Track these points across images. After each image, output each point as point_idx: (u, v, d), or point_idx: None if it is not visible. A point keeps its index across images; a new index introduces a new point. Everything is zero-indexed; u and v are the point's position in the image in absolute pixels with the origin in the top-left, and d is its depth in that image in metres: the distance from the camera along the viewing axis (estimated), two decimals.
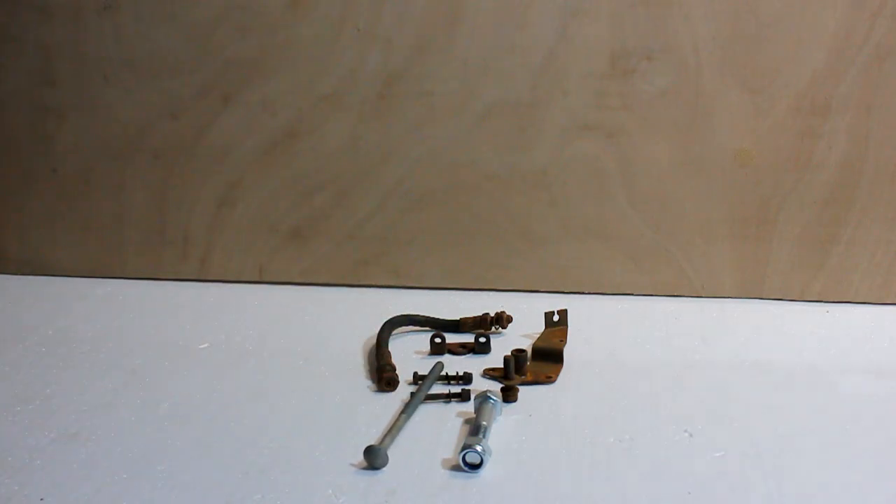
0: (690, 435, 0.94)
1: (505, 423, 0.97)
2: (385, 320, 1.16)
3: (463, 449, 0.89)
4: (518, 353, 1.06)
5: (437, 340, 1.13)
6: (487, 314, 1.17)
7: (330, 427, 0.97)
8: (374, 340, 1.13)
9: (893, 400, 1.01)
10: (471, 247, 1.28)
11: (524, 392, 1.02)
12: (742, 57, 1.19)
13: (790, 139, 1.20)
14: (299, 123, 1.28)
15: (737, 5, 1.17)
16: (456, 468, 0.89)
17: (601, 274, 1.28)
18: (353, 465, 0.90)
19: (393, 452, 0.91)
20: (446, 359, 1.11)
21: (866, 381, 1.05)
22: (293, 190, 1.30)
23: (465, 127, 1.25)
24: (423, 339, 1.15)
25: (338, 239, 1.30)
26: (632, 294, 1.28)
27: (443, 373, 1.06)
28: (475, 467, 0.89)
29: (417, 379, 1.05)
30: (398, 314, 1.18)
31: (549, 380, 1.06)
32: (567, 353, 1.10)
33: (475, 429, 0.92)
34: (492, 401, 0.97)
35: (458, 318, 1.18)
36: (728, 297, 1.26)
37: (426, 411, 1.00)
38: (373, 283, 1.30)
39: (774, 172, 1.22)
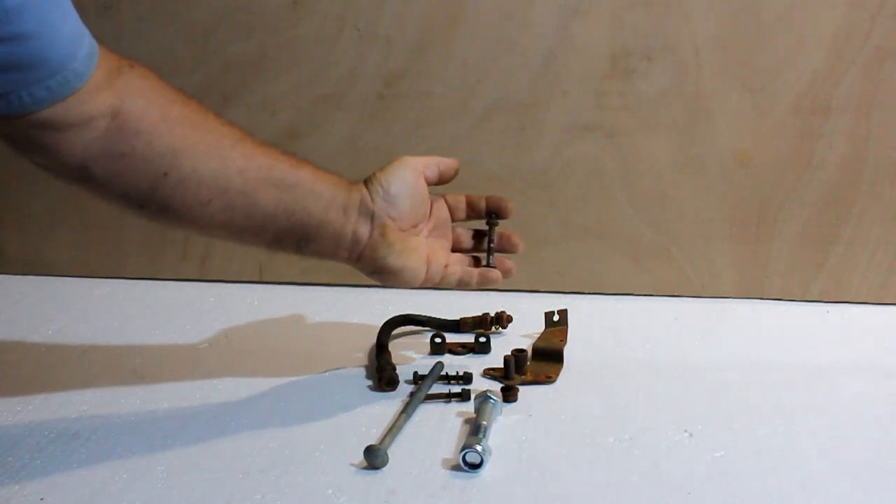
0: (690, 435, 0.94)
1: (505, 423, 0.97)
2: (385, 320, 1.16)
3: (463, 449, 0.88)
4: (518, 353, 1.06)
5: (437, 340, 1.13)
6: (487, 314, 1.17)
7: (330, 427, 0.97)
8: (374, 340, 1.13)
9: (893, 400, 1.01)
10: None
11: (524, 392, 1.02)
12: (742, 57, 1.19)
13: (790, 139, 1.20)
14: (299, 123, 1.28)
15: (737, 5, 1.17)
16: (456, 468, 0.89)
17: (601, 274, 1.28)
18: (353, 465, 0.90)
19: (393, 452, 0.91)
20: (446, 359, 1.10)
21: (866, 381, 1.05)
22: None
23: (465, 127, 1.25)
24: (423, 339, 1.15)
25: None
26: (632, 294, 1.28)
27: (443, 373, 1.06)
28: (475, 467, 0.88)
29: (417, 379, 1.05)
30: (398, 314, 1.18)
31: (549, 380, 1.06)
32: (567, 353, 1.10)
33: (475, 429, 0.92)
34: (492, 401, 0.97)
35: (458, 318, 1.18)
36: (728, 297, 1.26)
37: (426, 411, 1.00)
38: (373, 283, 1.30)
39: (774, 172, 1.22)
